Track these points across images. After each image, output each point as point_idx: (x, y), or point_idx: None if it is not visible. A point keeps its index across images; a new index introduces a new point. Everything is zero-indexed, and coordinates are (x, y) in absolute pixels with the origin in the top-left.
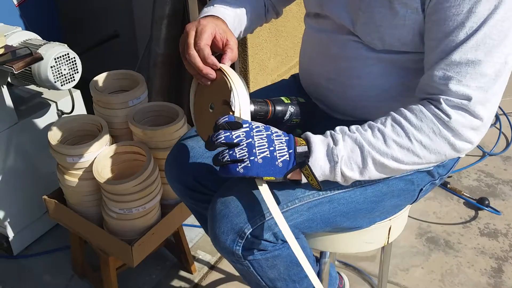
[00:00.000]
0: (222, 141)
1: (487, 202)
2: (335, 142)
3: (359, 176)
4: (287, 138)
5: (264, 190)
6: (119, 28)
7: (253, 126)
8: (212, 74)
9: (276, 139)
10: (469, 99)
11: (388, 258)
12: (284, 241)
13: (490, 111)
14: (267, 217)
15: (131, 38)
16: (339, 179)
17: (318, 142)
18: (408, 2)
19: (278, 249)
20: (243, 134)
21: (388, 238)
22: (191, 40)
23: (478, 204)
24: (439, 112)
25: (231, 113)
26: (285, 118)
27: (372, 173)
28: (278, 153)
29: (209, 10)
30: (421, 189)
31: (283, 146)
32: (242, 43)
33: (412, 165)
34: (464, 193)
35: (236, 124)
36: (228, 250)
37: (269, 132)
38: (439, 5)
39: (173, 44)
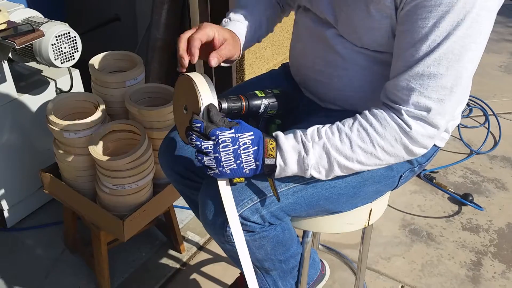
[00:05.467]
0: (193, 146)
1: (471, 198)
2: (306, 151)
3: (324, 177)
4: (255, 148)
5: (222, 186)
6: (120, 12)
7: (220, 141)
8: (184, 61)
9: (243, 153)
10: (428, 110)
11: (368, 240)
12: (271, 224)
13: (446, 121)
14: (254, 201)
15: (131, 22)
16: (307, 177)
17: (290, 150)
18: (382, 8)
19: (265, 230)
20: (210, 147)
21: (369, 220)
22: (190, 30)
23: (462, 199)
24: (401, 122)
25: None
26: (260, 111)
27: (337, 173)
28: (245, 164)
29: (226, 25)
30: (401, 176)
31: (250, 158)
32: None
33: (373, 166)
34: (449, 189)
35: (204, 135)
36: (218, 231)
37: (236, 147)
38: (407, 16)
39: (172, 30)
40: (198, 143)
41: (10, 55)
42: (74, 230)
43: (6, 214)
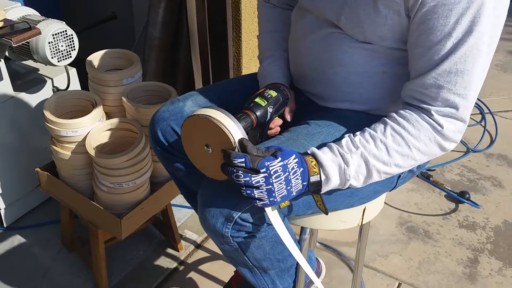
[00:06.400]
0: (242, 184)
1: (467, 195)
2: (346, 163)
3: (362, 184)
4: (301, 170)
5: (269, 212)
6: (117, 10)
7: (271, 172)
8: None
9: (293, 178)
10: (457, 107)
11: (365, 238)
12: (270, 224)
13: (470, 113)
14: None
15: (128, 20)
16: (345, 188)
17: (331, 164)
18: (391, 4)
19: (264, 230)
20: (262, 180)
21: (362, 219)
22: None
23: (459, 197)
24: (433, 122)
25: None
26: (267, 119)
27: (375, 179)
28: (294, 188)
29: (266, 77)
30: (399, 176)
31: (298, 181)
32: (237, 28)
33: (409, 167)
34: (446, 186)
35: (252, 169)
36: (218, 232)
37: (287, 174)
38: (427, 16)
39: (169, 28)
40: (248, 179)
41: (6, 53)
42: (72, 228)
43: (3, 212)
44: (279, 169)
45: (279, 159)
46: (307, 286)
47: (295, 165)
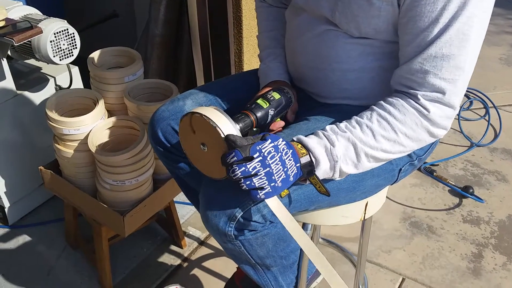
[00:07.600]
0: (240, 177)
1: (471, 190)
2: (331, 143)
3: (354, 170)
4: (291, 151)
5: (271, 203)
6: (118, 8)
7: (265, 153)
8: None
9: (286, 158)
10: (443, 92)
11: (367, 233)
12: (272, 222)
13: (460, 99)
14: (256, 201)
15: (130, 18)
16: (337, 175)
17: (317, 146)
18: None
19: (267, 228)
20: (258, 165)
21: (365, 213)
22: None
23: (463, 192)
24: (419, 106)
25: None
26: (267, 121)
27: (365, 165)
28: (290, 170)
29: (268, 74)
30: (400, 169)
31: (291, 162)
32: (238, 24)
33: (399, 154)
34: (450, 181)
35: (246, 158)
36: (220, 231)
37: (280, 154)
38: (415, 2)
39: (171, 25)
40: (244, 168)
41: (9, 52)
42: (75, 226)
43: (7, 211)
44: (272, 149)
45: (269, 140)
46: (310, 281)
47: (285, 147)
